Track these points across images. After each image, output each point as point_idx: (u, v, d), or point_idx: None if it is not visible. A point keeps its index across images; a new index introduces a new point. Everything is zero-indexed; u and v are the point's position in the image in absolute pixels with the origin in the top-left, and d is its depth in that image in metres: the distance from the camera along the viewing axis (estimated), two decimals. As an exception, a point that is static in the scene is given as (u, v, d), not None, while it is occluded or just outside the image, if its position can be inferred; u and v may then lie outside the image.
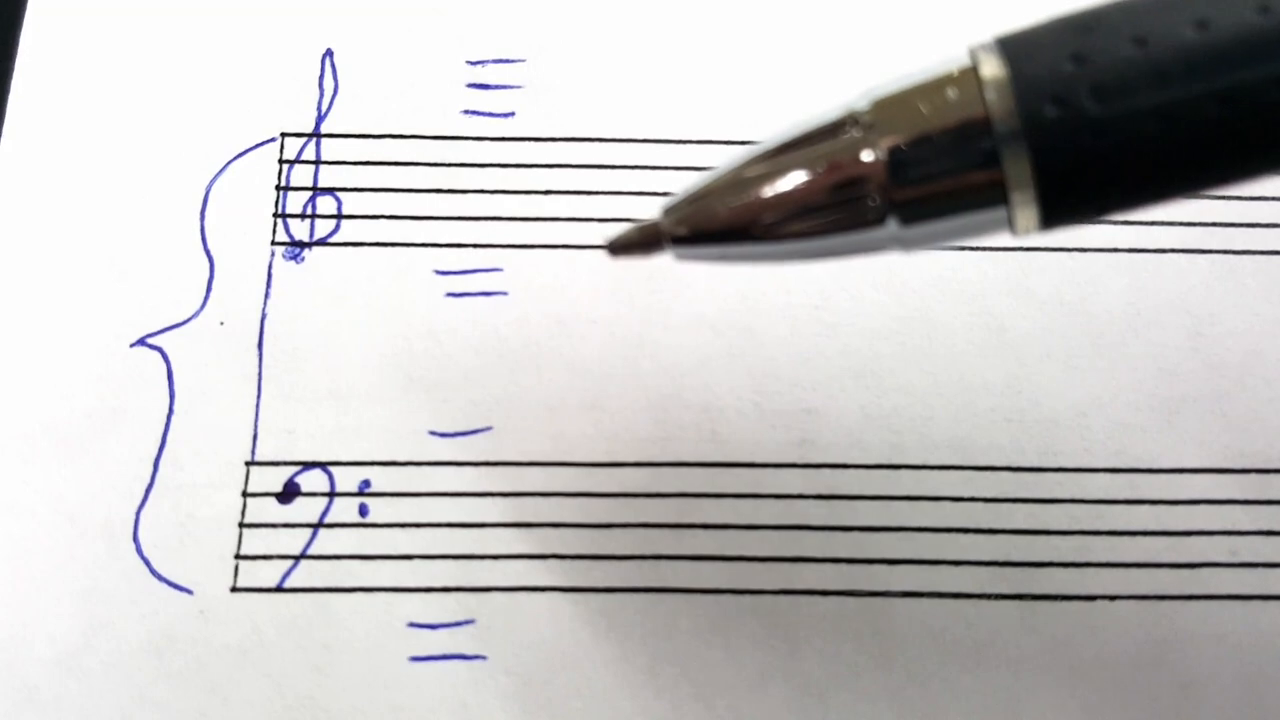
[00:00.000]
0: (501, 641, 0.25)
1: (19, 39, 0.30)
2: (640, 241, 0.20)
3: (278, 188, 0.28)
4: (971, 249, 0.28)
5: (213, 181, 0.28)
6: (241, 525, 0.26)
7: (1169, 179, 0.18)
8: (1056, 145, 0.17)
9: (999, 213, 0.18)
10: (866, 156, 0.18)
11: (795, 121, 0.19)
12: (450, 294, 0.28)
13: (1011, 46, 0.18)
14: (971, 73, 0.18)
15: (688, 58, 0.30)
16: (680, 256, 0.20)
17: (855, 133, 0.18)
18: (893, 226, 0.18)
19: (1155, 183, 0.18)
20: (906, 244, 0.19)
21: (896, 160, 0.18)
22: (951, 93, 0.18)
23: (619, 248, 0.20)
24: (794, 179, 0.18)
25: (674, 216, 0.20)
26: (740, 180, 0.19)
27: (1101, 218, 0.19)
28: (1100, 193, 0.18)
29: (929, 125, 0.18)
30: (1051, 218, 0.18)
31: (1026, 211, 0.18)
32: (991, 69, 0.17)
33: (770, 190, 0.19)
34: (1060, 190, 0.18)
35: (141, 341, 0.27)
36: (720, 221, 0.19)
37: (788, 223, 0.19)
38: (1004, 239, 0.28)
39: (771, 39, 0.30)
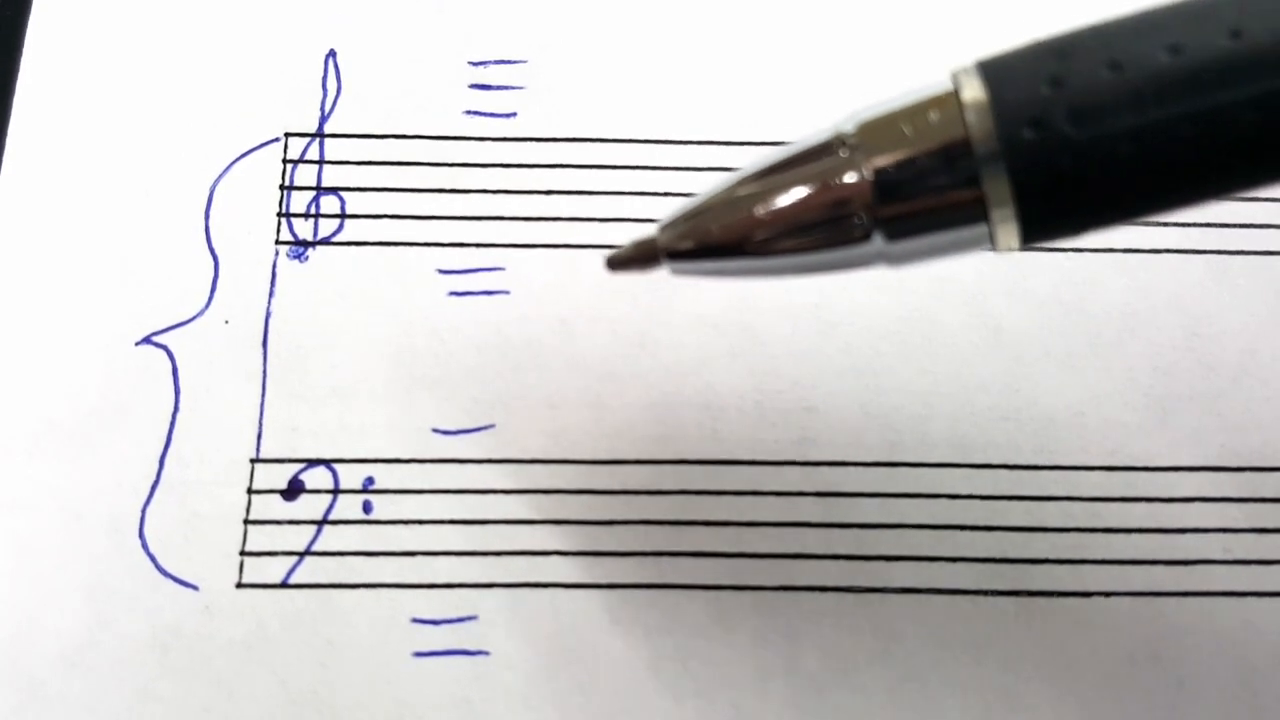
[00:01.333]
0: (504, 637, 0.25)
1: (24, 38, 0.30)
2: (637, 257, 0.21)
3: (282, 187, 0.29)
4: (969, 249, 0.28)
5: (217, 181, 0.29)
6: (246, 522, 0.26)
7: (1144, 199, 0.18)
8: (1034, 166, 0.18)
9: (980, 230, 0.19)
10: (852, 177, 0.19)
11: (786, 144, 0.20)
12: (453, 293, 0.28)
13: (991, 70, 0.18)
14: (953, 96, 0.18)
15: (689, 59, 0.30)
16: (676, 271, 0.21)
17: (842, 154, 0.19)
18: (878, 243, 0.19)
19: (1131, 202, 0.18)
20: (892, 260, 0.19)
21: (881, 180, 0.18)
22: (934, 115, 0.18)
23: (617, 263, 0.21)
24: (784, 198, 0.19)
25: (670, 233, 0.20)
26: (733, 199, 0.20)
27: (1080, 235, 0.19)
28: (1077, 212, 0.18)
29: (912, 147, 0.18)
30: (1031, 235, 0.18)
31: (1007, 229, 0.18)
32: (972, 92, 0.18)
33: (762, 209, 0.19)
34: (1039, 209, 0.18)
35: (147, 340, 0.27)
36: (714, 238, 0.20)
37: (779, 240, 0.19)
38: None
39: (772, 40, 0.30)
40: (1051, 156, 0.17)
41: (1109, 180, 0.18)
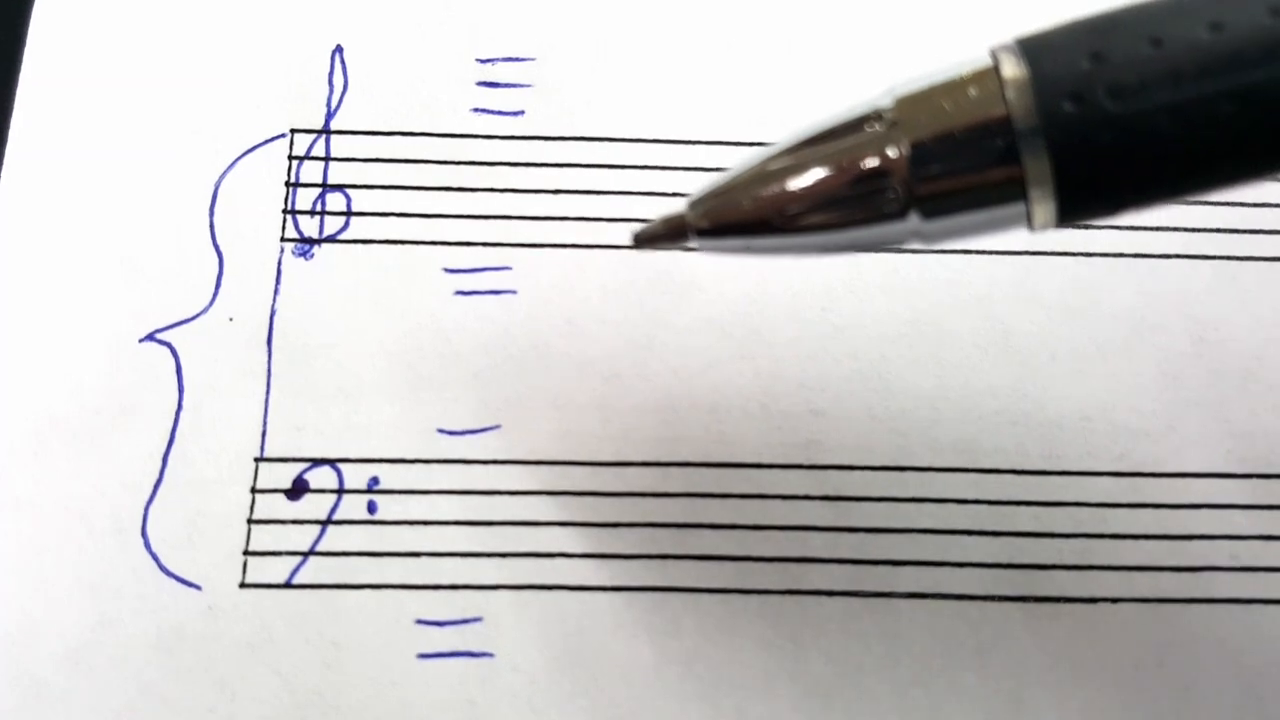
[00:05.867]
0: (509, 639, 0.25)
1: (27, 33, 0.29)
2: (665, 233, 0.20)
3: (287, 184, 0.28)
4: (978, 253, 0.28)
5: (222, 177, 0.28)
6: (250, 521, 0.26)
7: (1183, 176, 0.18)
8: (1074, 142, 0.18)
9: (1018, 208, 0.18)
10: (890, 152, 0.18)
11: (819, 117, 0.19)
12: (459, 292, 0.28)
13: (1031, 47, 0.18)
14: (992, 72, 0.18)
15: (698, 57, 0.30)
16: (704, 248, 0.20)
17: (878, 128, 0.19)
18: (914, 220, 0.19)
19: (1169, 179, 0.18)
20: (926, 238, 0.19)
21: (919, 155, 0.18)
22: (973, 91, 0.18)
23: (644, 239, 0.21)
24: (817, 172, 0.19)
25: (699, 209, 0.20)
26: (764, 173, 0.19)
27: (1116, 214, 0.19)
28: (1116, 189, 0.18)
29: (951, 122, 0.18)
30: (1068, 213, 0.18)
31: (1044, 207, 0.18)
32: (1012, 69, 0.18)
33: (794, 183, 0.19)
34: (1077, 186, 0.18)
35: (151, 337, 0.27)
36: (744, 214, 0.19)
37: (810, 215, 0.19)
38: (1011, 243, 0.28)
39: (783, 39, 0.30)
40: (1091, 131, 0.17)
41: (1148, 156, 0.18)
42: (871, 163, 0.18)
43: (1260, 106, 0.17)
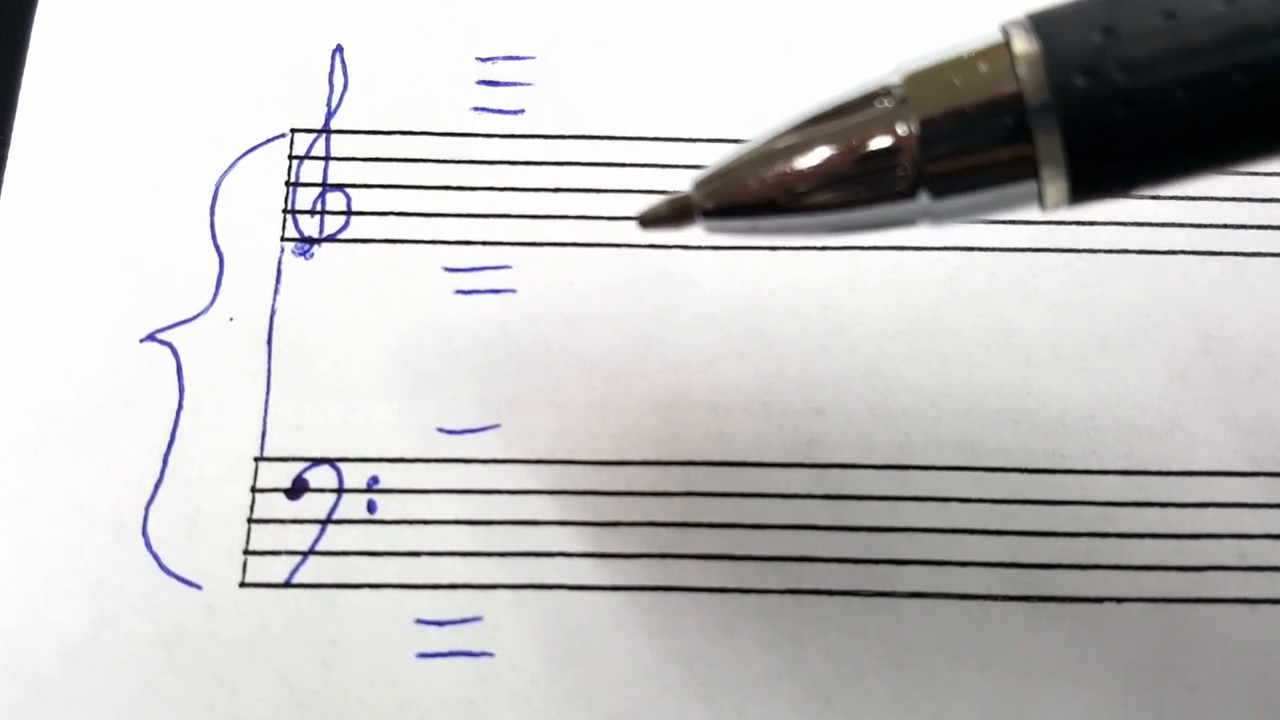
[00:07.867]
0: (508, 639, 0.25)
1: (30, 33, 0.30)
2: (671, 214, 0.20)
3: (287, 184, 0.28)
4: (980, 250, 0.28)
5: (222, 177, 0.28)
6: (250, 521, 0.26)
7: (1197, 151, 0.18)
8: (1085, 116, 0.17)
9: (1029, 186, 0.18)
10: (900, 129, 0.18)
11: (827, 95, 0.19)
12: (459, 291, 0.28)
13: (1042, 22, 0.18)
14: (1003, 48, 0.18)
15: (698, 55, 0.30)
16: (710, 229, 0.20)
17: (887, 104, 0.18)
18: (923, 199, 0.18)
19: (1183, 154, 0.18)
20: (936, 217, 0.19)
21: (928, 133, 0.18)
22: (983, 67, 0.18)
23: (649, 221, 0.20)
24: (825, 150, 0.18)
25: (705, 189, 0.19)
26: (771, 152, 0.19)
27: (1129, 192, 0.19)
28: (1128, 166, 0.18)
29: (961, 99, 0.18)
30: (1081, 191, 0.18)
31: (1056, 185, 0.18)
32: (1023, 44, 0.18)
33: (801, 162, 0.19)
34: (1089, 163, 0.18)
35: (151, 337, 0.27)
36: (751, 194, 0.19)
37: (818, 194, 0.19)
38: (1014, 239, 0.28)
39: (783, 36, 0.30)
40: (1103, 106, 0.17)
41: (1161, 131, 0.17)
42: (880, 141, 0.18)
43: (1275, 79, 0.17)
